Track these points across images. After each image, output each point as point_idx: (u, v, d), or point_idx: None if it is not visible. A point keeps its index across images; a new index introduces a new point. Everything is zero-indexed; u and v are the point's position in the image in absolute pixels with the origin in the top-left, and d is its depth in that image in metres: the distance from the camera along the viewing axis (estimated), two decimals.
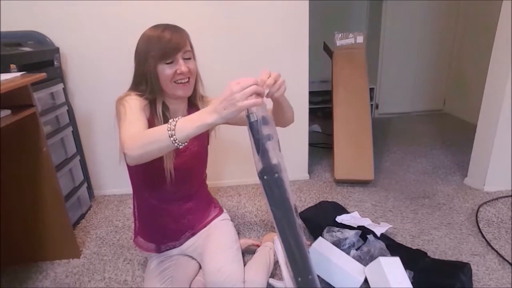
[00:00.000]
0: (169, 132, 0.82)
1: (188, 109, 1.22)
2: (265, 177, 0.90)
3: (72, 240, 1.55)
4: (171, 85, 1.08)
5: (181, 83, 1.08)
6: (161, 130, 0.84)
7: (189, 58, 1.09)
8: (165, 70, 1.06)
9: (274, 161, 0.90)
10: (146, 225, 1.32)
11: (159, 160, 1.10)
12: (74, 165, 1.88)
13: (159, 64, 1.05)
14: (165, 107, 1.14)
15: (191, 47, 1.12)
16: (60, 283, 1.42)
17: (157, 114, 1.11)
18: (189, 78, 1.09)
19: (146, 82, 1.09)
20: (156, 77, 1.07)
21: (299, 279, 0.98)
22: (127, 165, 1.21)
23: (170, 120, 0.84)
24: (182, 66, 1.05)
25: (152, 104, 1.12)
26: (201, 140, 1.25)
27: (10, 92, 1.12)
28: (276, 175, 0.90)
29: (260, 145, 0.88)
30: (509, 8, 1.72)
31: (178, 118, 0.85)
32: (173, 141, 0.82)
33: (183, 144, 0.84)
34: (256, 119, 0.87)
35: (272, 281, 1.32)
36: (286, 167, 0.94)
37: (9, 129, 1.28)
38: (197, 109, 1.24)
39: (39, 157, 1.38)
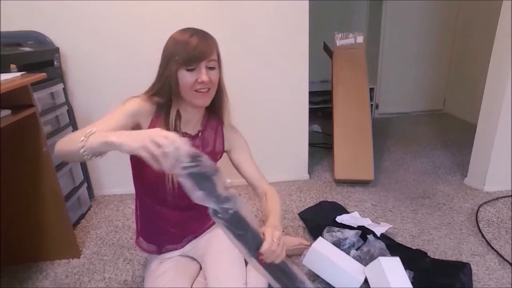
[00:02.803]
0: (81, 142, 0.81)
1: (206, 120, 1.19)
2: (219, 215, 0.84)
3: (72, 240, 1.55)
4: (190, 93, 1.05)
5: (200, 92, 1.05)
6: (76, 138, 0.82)
7: (213, 68, 1.06)
8: (186, 77, 1.03)
9: (223, 195, 0.84)
10: (148, 227, 1.31)
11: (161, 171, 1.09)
12: (74, 165, 1.88)
13: (181, 70, 1.03)
14: (177, 115, 1.12)
15: (218, 56, 1.09)
16: (60, 283, 1.42)
17: (168, 121, 1.09)
18: (209, 88, 1.06)
19: (165, 85, 1.07)
20: (176, 82, 1.05)
21: None
22: (132, 169, 1.21)
23: (88, 130, 0.82)
24: (203, 75, 1.02)
25: (162, 109, 1.11)
26: (209, 155, 1.22)
27: (10, 92, 1.12)
28: (231, 211, 0.84)
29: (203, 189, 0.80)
30: (509, 8, 1.72)
31: (95, 131, 0.83)
32: (83, 152, 0.80)
33: (91, 157, 0.81)
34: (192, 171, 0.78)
35: None
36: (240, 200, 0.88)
37: (9, 129, 1.28)
38: (216, 126, 1.21)
39: (39, 157, 1.38)
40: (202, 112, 1.18)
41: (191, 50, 1.01)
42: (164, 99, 1.09)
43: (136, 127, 1.08)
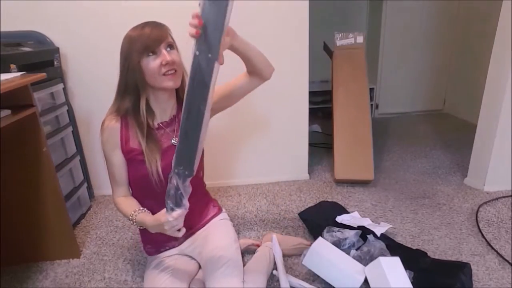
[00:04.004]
0: (131, 219, 1.14)
1: (177, 107, 1.21)
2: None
3: (72, 240, 1.55)
4: (159, 78, 1.07)
5: (169, 74, 1.07)
6: (126, 213, 1.17)
7: (173, 48, 1.09)
8: (150, 63, 1.05)
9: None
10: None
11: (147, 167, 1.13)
12: (74, 165, 1.88)
13: (143, 58, 1.05)
14: (149, 112, 1.14)
15: (173, 41, 1.12)
16: (60, 283, 1.42)
17: (141, 116, 1.11)
18: (175, 70, 1.08)
19: (130, 80, 1.08)
20: (141, 72, 1.06)
21: (181, 168, 0.94)
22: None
23: (132, 212, 1.13)
24: (166, 55, 1.04)
25: (131, 113, 1.13)
26: None
27: (10, 92, 1.12)
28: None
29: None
30: (509, 8, 1.72)
31: (141, 210, 1.13)
32: (132, 223, 1.14)
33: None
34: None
35: (276, 273, 1.34)
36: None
37: (9, 129, 1.28)
38: None
39: (39, 157, 1.38)
40: (174, 97, 1.20)
41: (147, 37, 1.04)
42: (133, 98, 1.11)
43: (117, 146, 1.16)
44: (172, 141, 1.18)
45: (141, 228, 1.16)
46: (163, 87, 1.10)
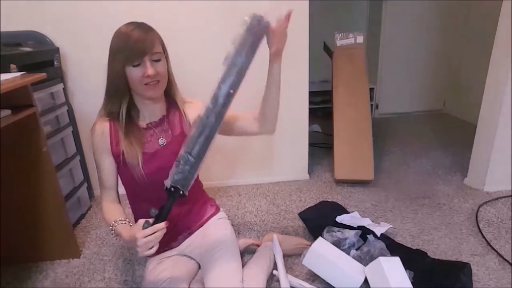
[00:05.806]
0: (111, 228, 1.14)
1: (168, 105, 1.21)
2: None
3: (72, 240, 1.55)
4: (140, 86, 1.08)
5: (150, 84, 1.08)
6: (108, 220, 1.17)
7: (158, 60, 1.08)
8: (133, 73, 1.05)
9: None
10: None
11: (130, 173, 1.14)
12: (74, 165, 1.88)
13: (127, 66, 1.05)
14: (135, 112, 1.15)
15: (163, 48, 1.11)
16: (60, 283, 1.42)
17: (119, 119, 1.12)
18: (158, 80, 1.09)
19: (116, 85, 1.09)
20: (124, 78, 1.07)
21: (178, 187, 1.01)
22: (120, 175, 1.22)
23: (113, 222, 1.12)
24: (149, 69, 1.04)
25: (119, 114, 1.13)
26: (179, 137, 1.19)
27: (10, 92, 1.12)
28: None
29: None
30: (509, 8, 1.72)
31: (121, 221, 1.12)
32: (112, 232, 1.13)
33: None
34: None
35: (276, 272, 1.34)
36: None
37: (9, 129, 1.28)
38: (177, 109, 1.22)
39: (39, 157, 1.39)
40: (163, 99, 1.20)
41: (132, 44, 1.03)
42: (121, 97, 1.12)
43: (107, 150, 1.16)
44: (159, 141, 1.17)
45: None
46: (143, 96, 1.12)
